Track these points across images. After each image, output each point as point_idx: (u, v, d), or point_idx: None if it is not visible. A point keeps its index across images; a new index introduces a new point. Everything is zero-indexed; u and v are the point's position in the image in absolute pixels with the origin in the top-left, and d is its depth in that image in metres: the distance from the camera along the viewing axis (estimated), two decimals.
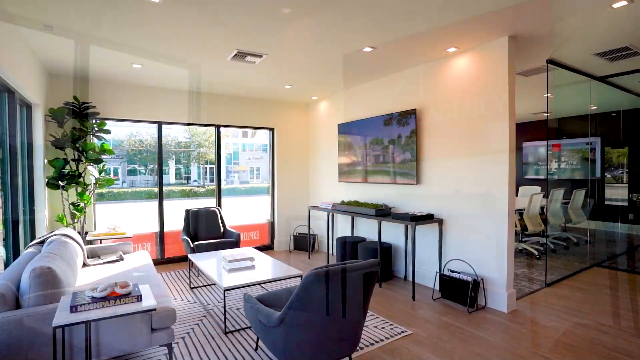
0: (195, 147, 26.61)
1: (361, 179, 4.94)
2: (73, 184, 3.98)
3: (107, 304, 1.82)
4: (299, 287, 1.90)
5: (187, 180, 27.20)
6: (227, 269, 3.30)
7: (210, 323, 3.09)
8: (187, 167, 26.92)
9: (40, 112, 3.78)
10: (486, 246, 3.43)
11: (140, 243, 5.00)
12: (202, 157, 27.78)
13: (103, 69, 4.08)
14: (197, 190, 22.36)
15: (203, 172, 27.78)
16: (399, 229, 4.46)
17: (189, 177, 27.57)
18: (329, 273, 1.88)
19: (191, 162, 27.25)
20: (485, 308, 3.39)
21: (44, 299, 2.03)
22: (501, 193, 3.30)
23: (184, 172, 27.06)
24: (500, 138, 3.30)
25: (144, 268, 3.30)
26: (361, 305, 2.13)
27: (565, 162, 7.37)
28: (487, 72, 3.39)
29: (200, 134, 27.07)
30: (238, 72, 4.26)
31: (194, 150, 27.00)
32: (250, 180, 29.62)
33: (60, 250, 2.60)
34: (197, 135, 26.95)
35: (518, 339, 2.76)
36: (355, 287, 2.02)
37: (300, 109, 6.20)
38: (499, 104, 3.30)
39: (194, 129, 26.71)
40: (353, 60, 3.84)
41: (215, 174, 5.45)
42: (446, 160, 3.82)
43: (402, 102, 4.34)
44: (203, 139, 27.42)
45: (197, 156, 27.41)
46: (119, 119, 4.72)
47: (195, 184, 26.66)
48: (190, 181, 27.38)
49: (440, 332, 2.91)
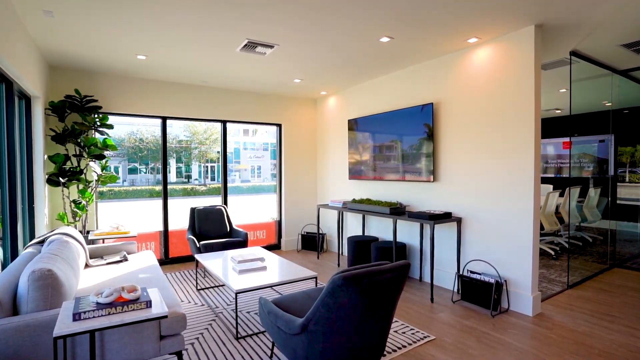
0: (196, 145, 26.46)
1: (373, 176, 4.76)
2: (74, 180, 3.80)
3: (113, 310, 1.65)
4: (325, 292, 1.73)
5: (187, 179, 27.08)
6: (237, 270, 3.13)
7: (220, 327, 2.92)
8: (187, 166, 26.78)
9: (40, 105, 3.60)
10: (509, 246, 3.26)
11: (143, 242, 4.83)
12: (203, 155, 27.62)
13: (105, 61, 3.90)
14: (199, 189, 22.21)
15: (204, 170, 27.66)
16: (412, 227, 4.29)
17: (189, 176, 27.43)
18: (358, 277, 1.71)
19: (192, 161, 27.09)
20: (508, 311, 3.22)
21: (44, 304, 1.86)
22: (526, 191, 3.13)
23: (184, 170, 26.93)
24: (525, 134, 3.13)
25: (149, 269, 3.13)
26: (390, 310, 1.96)
27: (577, 160, 7.19)
28: (510, 64, 3.22)
29: (200, 132, 26.90)
30: (246, 66, 4.08)
31: (195, 149, 26.84)
32: (251, 179, 29.50)
33: (62, 250, 2.43)
34: (197, 133, 26.78)
35: (549, 345, 2.59)
36: (384, 291, 1.85)
37: (308, 105, 6.03)
38: (523, 98, 3.13)
39: (194, 127, 26.53)
40: (368, 51, 3.67)
41: (221, 172, 5.28)
42: (465, 157, 3.65)
43: (417, 97, 4.17)
44: (204, 138, 27.25)
45: (198, 155, 27.25)
46: (122, 114, 4.55)
47: (196, 183, 26.53)
48: (191, 180, 27.25)
49: (465, 337, 2.74)
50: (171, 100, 4.83)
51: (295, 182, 5.92)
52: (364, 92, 4.99)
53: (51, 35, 3.17)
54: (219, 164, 28.95)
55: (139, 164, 24.93)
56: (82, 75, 4.25)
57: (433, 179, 3.93)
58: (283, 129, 5.80)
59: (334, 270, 4.61)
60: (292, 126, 5.87)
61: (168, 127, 4.85)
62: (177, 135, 24.10)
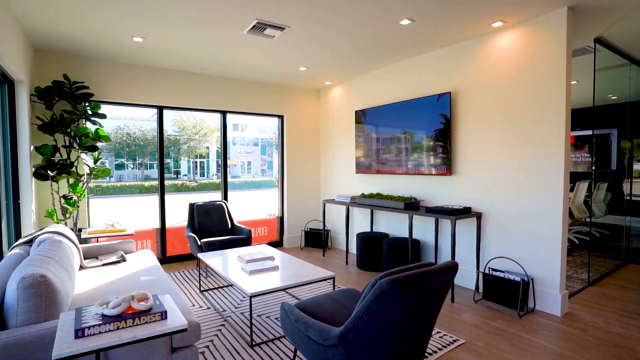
0: (185, 140, 25.81)
1: (382, 169, 4.55)
2: (64, 174, 3.48)
3: (123, 324, 1.39)
4: (371, 298, 1.50)
5: (176, 175, 26.51)
6: (248, 271, 2.88)
7: (230, 334, 2.67)
8: (176, 162, 26.15)
9: (25, 91, 3.26)
10: (535, 242, 3.09)
11: (139, 241, 4.53)
12: (192, 150, 26.98)
13: (98, 43, 3.57)
14: (189, 185, 21.72)
15: (193, 166, 27.06)
16: (425, 223, 4.09)
17: (178, 172, 26.84)
18: (409, 281, 1.49)
19: (181, 156, 26.46)
20: (534, 311, 3.05)
21: (37, 316, 1.58)
22: (555, 185, 2.96)
23: (173, 166, 26.33)
24: (555, 125, 2.94)
25: (151, 270, 2.85)
26: (435, 316, 1.75)
27: (579, 154, 7.12)
28: (539, 50, 3.03)
29: (189, 127, 26.26)
30: (251, 52, 3.79)
31: (184, 144, 26.19)
32: (241, 175, 29.01)
33: (54, 251, 2.14)
34: (186, 128, 26.13)
35: (587, 349, 2.42)
36: (433, 294, 1.64)
37: (312, 95, 5.76)
38: (553, 87, 2.94)
39: (182, 122, 25.86)
40: (384, 36, 3.43)
41: (222, 166, 5.00)
42: (486, 149, 3.46)
43: (433, 86, 3.96)
44: (193, 133, 26.62)
45: (187, 150, 26.61)
46: (115, 102, 4.22)
47: (186, 179, 25.95)
48: (180, 176, 26.66)
49: (496, 340, 2.56)
50: (168, 89, 4.51)
51: (298, 177, 5.67)
52: (373, 81, 4.75)
53: (36, 12, 2.83)
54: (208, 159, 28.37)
55: (126, 159, 24.22)
56: (72, 60, 3.91)
57: (450, 172, 3.74)
58: (285, 120, 5.53)
59: (343, 269, 4.39)
60: (295, 118, 5.61)
61: (155, 121, 4.55)
62: (166, 130, 23.55)
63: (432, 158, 3.89)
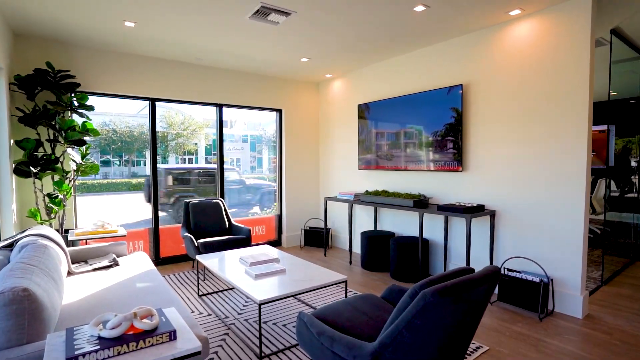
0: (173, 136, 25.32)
1: (387, 165, 4.37)
2: (49, 170, 3.19)
3: (125, 349, 1.17)
4: (412, 311, 1.31)
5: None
6: (253, 275, 2.67)
7: (236, 344, 2.46)
8: (164, 159, 25.64)
9: (4, 78, 2.96)
10: (553, 241, 2.96)
11: (130, 242, 4.25)
12: (181, 147, 26.50)
13: (85, 28, 3.27)
14: None
15: (181, 163, 26.54)
16: (433, 221, 3.93)
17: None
18: (455, 290, 1.30)
19: (168, 153, 25.95)
20: (553, 313, 2.92)
21: (18, 337, 1.34)
22: (577, 182, 2.82)
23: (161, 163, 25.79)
24: (576, 119, 2.80)
25: (147, 276, 2.61)
26: (475, 327, 1.57)
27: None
28: (560, 40, 2.87)
29: (177, 123, 25.77)
30: (252, 40, 3.55)
31: (172, 140, 25.68)
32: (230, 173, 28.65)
33: (39, 258, 1.89)
34: (174, 125, 25.63)
35: (618, 355, 2.29)
36: (476, 304, 1.46)
37: (310, 89, 5.54)
38: (575, 78, 2.79)
39: (170, 118, 25.36)
40: (395, 23, 3.23)
41: (217, 161, 4.75)
42: (500, 144, 3.31)
43: (443, 78, 3.78)
44: (181, 129, 26.13)
45: (175, 147, 26.10)
46: (103, 94, 3.93)
47: None
48: None
49: (521, 346, 2.41)
50: (161, 80, 4.23)
51: (297, 173, 5.45)
52: (378, 74, 4.56)
53: None
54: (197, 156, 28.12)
55: (112, 156, 23.62)
56: (56, 47, 3.60)
57: (461, 168, 3.57)
58: (284, 114, 5.30)
59: (347, 269, 4.21)
60: (293, 112, 5.38)
61: (142, 117, 4.29)
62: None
63: (442, 153, 3.73)
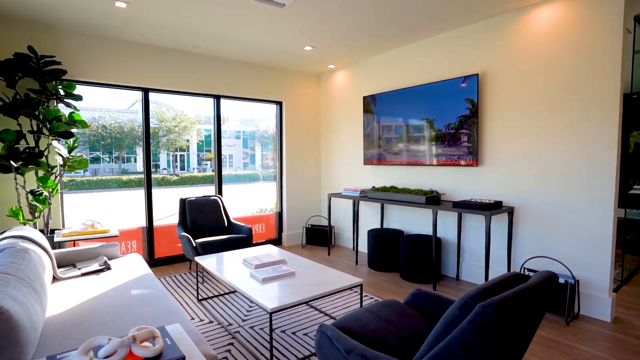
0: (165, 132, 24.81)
1: (395, 160, 4.16)
2: (32, 165, 2.91)
3: None
4: (469, 328, 1.10)
5: (155, 169, 25.49)
6: (260, 279, 2.44)
7: (243, 355, 2.23)
8: (155, 155, 25.12)
9: None
10: (579, 240, 2.78)
11: (122, 242, 3.98)
12: (172, 143, 25.96)
13: (72, 10, 2.98)
14: (170, 179, 20.80)
15: (173, 159, 26.05)
16: (444, 219, 3.74)
17: (157, 165, 25.81)
18: (515, 302, 1.09)
19: (160, 149, 25.41)
20: (579, 316, 2.75)
21: None
22: (606, 177, 2.64)
23: (152, 159, 25.31)
24: (606, 111, 2.62)
25: (142, 281, 2.36)
26: (530, 339, 1.37)
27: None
28: (587, 27, 2.68)
29: (169, 119, 25.22)
30: (254, 24, 3.29)
31: (164, 136, 25.16)
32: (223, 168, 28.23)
33: (17, 265, 1.63)
34: (166, 120, 25.08)
35: None
36: (534, 315, 1.26)
37: (312, 81, 5.29)
38: (605, 68, 2.61)
39: (162, 113, 24.81)
40: (408, 7, 3.01)
41: (215, 157, 4.49)
42: (519, 138, 3.12)
43: (456, 67, 3.58)
44: (172, 125, 25.59)
45: (167, 143, 25.56)
46: (93, 83, 3.64)
47: (165, 172, 24.95)
48: (159, 169, 25.63)
49: (553, 354, 2.23)
50: (155, 69, 3.95)
51: (298, 169, 5.22)
52: (385, 64, 4.33)
53: None
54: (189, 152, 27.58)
55: (101, 152, 23.04)
56: (39, 29, 3.30)
57: (476, 162, 3.38)
58: (284, 107, 5.05)
59: (353, 269, 4.00)
60: (294, 104, 5.14)
61: (133, 113, 4.02)
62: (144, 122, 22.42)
63: (455, 147, 3.53)
